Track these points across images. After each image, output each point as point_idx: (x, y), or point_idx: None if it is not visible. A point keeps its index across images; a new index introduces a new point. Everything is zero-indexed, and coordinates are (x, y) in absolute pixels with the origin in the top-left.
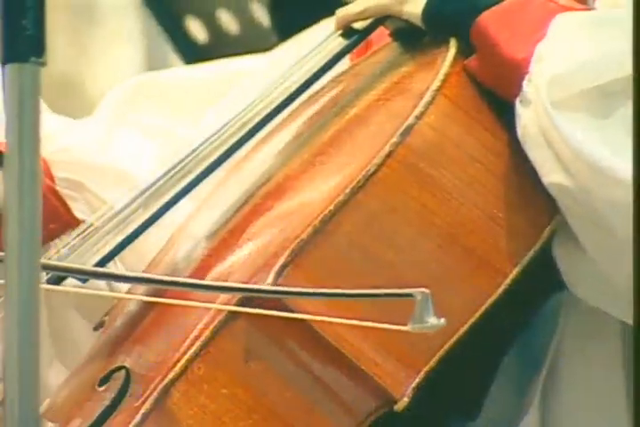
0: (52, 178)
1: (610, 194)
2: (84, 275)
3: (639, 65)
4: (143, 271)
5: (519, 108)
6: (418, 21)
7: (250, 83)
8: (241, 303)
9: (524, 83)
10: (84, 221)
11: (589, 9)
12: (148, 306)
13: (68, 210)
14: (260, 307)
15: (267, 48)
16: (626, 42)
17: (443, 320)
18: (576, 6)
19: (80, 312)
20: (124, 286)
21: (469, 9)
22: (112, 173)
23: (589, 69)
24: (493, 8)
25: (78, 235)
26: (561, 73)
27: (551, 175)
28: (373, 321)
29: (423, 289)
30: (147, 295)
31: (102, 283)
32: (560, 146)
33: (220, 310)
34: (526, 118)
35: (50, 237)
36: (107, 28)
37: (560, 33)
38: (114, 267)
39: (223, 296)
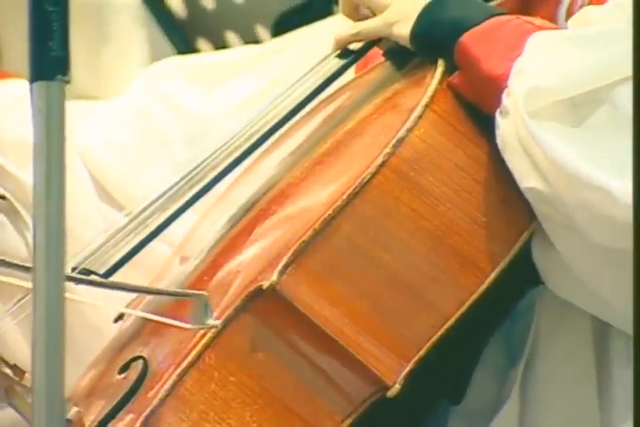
0: None
1: (580, 197)
2: (101, 287)
3: (639, 65)
4: (159, 272)
5: (499, 120)
6: (406, 43)
7: (262, 67)
8: (244, 304)
9: (504, 96)
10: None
11: (562, 28)
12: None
13: None
14: (265, 307)
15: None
16: (595, 58)
17: (218, 322)
18: (551, 26)
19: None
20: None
21: (453, 30)
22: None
23: (563, 83)
24: (474, 29)
25: (97, 240)
26: (537, 86)
27: (528, 181)
28: None
29: (203, 292)
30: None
31: None
32: (535, 152)
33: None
34: (505, 128)
35: None
36: (116, 45)
37: (536, 49)
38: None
39: (227, 298)
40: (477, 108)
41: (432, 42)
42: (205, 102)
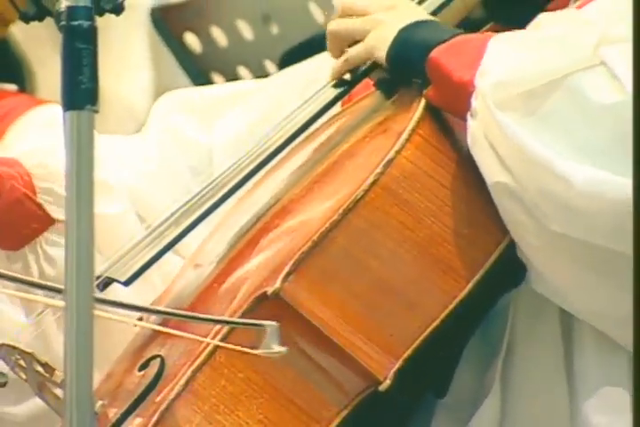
0: (33, 187)
1: (541, 184)
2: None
3: (639, 64)
4: (173, 280)
5: (470, 122)
6: (384, 63)
7: (253, 101)
8: (251, 308)
9: (472, 98)
10: (58, 220)
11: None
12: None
13: (45, 212)
14: (270, 311)
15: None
16: (552, 52)
17: (284, 349)
18: None
19: None
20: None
21: (423, 48)
22: None
23: (524, 75)
24: (442, 44)
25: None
26: (500, 80)
27: (494, 176)
28: None
29: (273, 322)
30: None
31: None
32: (500, 143)
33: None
34: (474, 127)
35: (34, 234)
36: (118, 55)
37: (497, 50)
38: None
39: (235, 302)
40: (457, 131)
41: (406, 61)
42: (207, 134)
